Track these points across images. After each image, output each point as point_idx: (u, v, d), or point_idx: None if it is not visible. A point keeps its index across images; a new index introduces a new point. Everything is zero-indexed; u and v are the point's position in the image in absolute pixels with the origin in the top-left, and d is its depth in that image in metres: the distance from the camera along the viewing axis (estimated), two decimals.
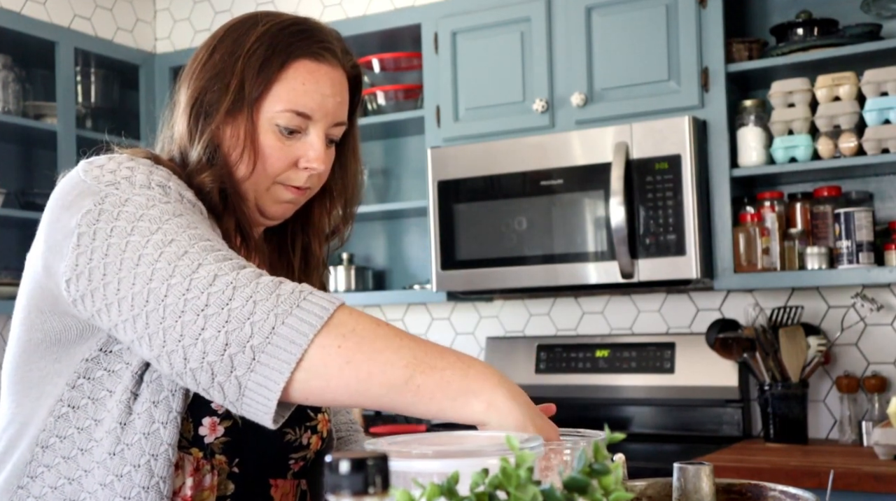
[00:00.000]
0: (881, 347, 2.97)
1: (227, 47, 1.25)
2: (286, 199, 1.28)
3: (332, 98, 1.26)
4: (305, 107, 1.24)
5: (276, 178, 1.26)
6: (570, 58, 3.08)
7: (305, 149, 1.25)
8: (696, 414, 3.10)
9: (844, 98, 2.81)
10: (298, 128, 1.25)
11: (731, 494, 1.10)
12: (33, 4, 3.63)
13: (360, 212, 3.56)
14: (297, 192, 1.28)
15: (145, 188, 1.12)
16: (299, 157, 1.25)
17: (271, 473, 1.26)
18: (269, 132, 1.24)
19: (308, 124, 1.25)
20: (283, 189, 1.27)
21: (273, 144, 1.24)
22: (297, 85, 1.24)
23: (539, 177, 3.02)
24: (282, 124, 1.23)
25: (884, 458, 2.56)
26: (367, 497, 0.62)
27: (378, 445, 0.91)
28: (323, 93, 1.25)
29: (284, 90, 1.23)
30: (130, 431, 1.13)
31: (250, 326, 0.98)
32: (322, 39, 1.27)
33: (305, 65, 1.24)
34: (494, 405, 1.01)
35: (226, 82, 1.23)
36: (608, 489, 0.75)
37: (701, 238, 2.84)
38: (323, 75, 1.26)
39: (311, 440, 1.30)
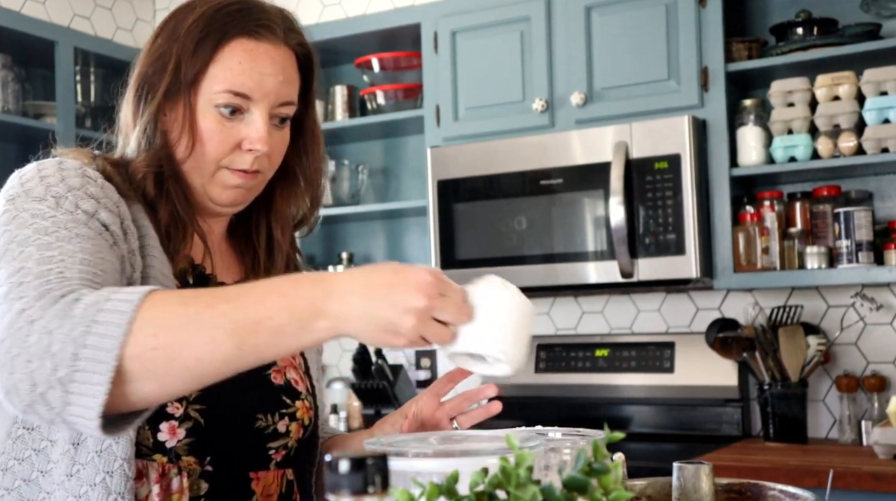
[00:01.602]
0: (881, 347, 2.97)
1: (168, 31, 1.23)
2: (234, 184, 1.24)
3: (272, 77, 1.22)
4: (243, 86, 1.20)
5: (221, 162, 1.22)
6: (570, 57, 3.08)
7: (248, 130, 1.22)
8: (696, 414, 3.10)
9: (844, 97, 2.81)
10: (239, 109, 1.21)
11: (730, 493, 1.10)
12: (33, 4, 3.63)
13: (360, 212, 3.59)
14: (245, 176, 1.24)
15: (37, 201, 1.10)
16: (242, 139, 1.22)
17: (251, 466, 1.24)
18: (209, 114, 1.21)
19: (249, 104, 1.21)
20: (229, 173, 1.23)
21: (212, 127, 1.21)
22: (233, 64, 1.20)
23: (539, 176, 3.02)
24: (220, 104, 1.20)
25: (883, 458, 2.56)
26: (366, 497, 0.62)
27: (378, 445, 0.91)
28: (262, 71, 1.21)
29: (221, 70, 1.20)
30: (83, 450, 1.12)
31: (51, 359, 0.93)
32: (260, 17, 1.23)
33: (242, 43, 1.21)
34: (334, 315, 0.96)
35: (164, 65, 1.21)
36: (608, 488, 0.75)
37: (700, 237, 2.84)
38: (261, 53, 1.22)
39: (289, 427, 1.28)
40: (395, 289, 0.97)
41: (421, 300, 0.96)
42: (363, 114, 3.63)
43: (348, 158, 3.70)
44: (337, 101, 3.64)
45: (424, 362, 3.65)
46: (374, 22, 3.46)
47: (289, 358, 1.32)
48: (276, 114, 1.24)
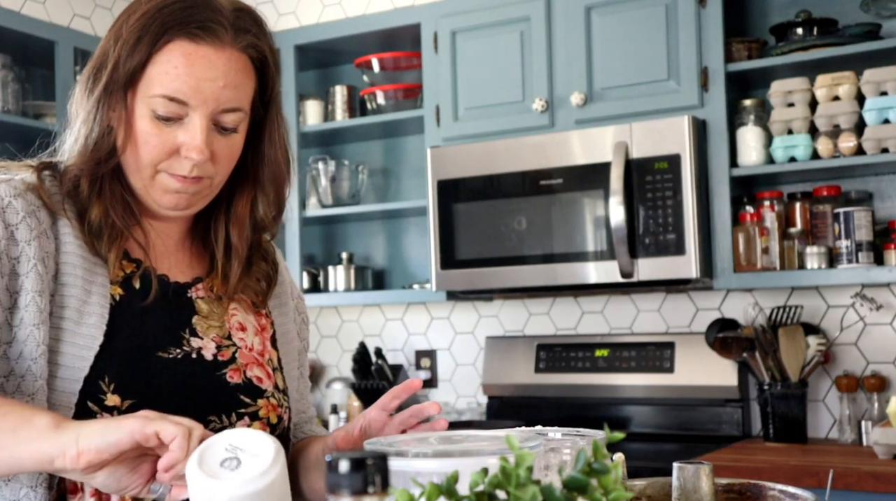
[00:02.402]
0: (881, 347, 2.97)
1: (116, 27, 1.20)
2: (174, 189, 1.20)
3: (211, 83, 1.16)
4: (178, 92, 1.15)
5: (158, 166, 1.19)
6: (570, 57, 3.08)
7: (185, 136, 1.17)
8: (696, 414, 3.10)
9: (844, 98, 2.81)
10: (175, 115, 1.16)
11: (730, 493, 1.10)
12: (33, 4, 3.63)
13: (360, 212, 3.59)
14: (185, 181, 1.19)
15: None
16: (179, 145, 1.17)
17: None
18: (145, 117, 1.17)
19: (187, 110, 1.16)
20: (167, 177, 1.19)
21: (148, 130, 1.17)
22: (169, 68, 1.16)
23: (539, 176, 3.02)
24: (156, 110, 1.16)
25: (883, 457, 2.56)
26: (366, 497, 0.62)
27: (378, 445, 0.91)
28: (199, 76, 1.16)
29: (157, 73, 1.16)
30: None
31: None
32: (204, 18, 1.17)
33: (181, 46, 1.16)
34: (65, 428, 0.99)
35: (105, 62, 1.18)
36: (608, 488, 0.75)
37: (700, 237, 2.84)
38: (200, 58, 1.16)
39: (252, 427, 1.24)
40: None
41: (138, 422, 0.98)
42: (363, 114, 3.63)
43: (348, 158, 3.70)
44: (337, 101, 3.64)
45: (424, 362, 3.65)
46: (374, 22, 3.46)
47: (254, 354, 1.30)
48: (220, 122, 1.19)
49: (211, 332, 1.28)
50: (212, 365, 1.25)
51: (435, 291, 3.24)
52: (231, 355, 1.27)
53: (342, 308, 3.81)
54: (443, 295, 3.29)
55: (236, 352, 1.28)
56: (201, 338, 1.26)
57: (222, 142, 1.21)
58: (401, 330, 3.71)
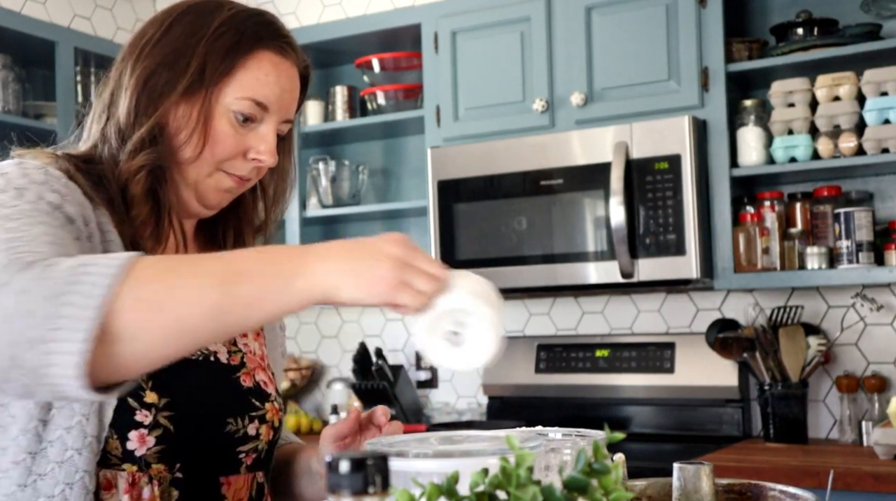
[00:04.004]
0: (881, 347, 2.97)
1: (187, 27, 1.22)
2: (226, 188, 1.26)
3: (289, 93, 1.26)
4: (266, 97, 1.23)
5: (221, 166, 1.23)
6: (570, 57, 3.08)
7: (257, 140, 1.24)
8: (696, 414, 3.10)
9: (844, 98, 2.81)
10: (253, 118, 1.23)
11: (730, 494, 1.10)
12: (33, 4, 3.63)
13: (361, 212, 3.59)
14: (239, 182, 1.26)
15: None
16: (250, 148, 1.24)
17: (221, 471, 1.23)
18: (224, 117, 1.21)
19: (264, 115, 1.24)
20: (225, 177, 1.24)
21: (226, 130, 1.22)
22: (261, 75, 1.22)
23: (539, 176, 3.02)
24: (239, 111, 1.22)
25: (884, 458, 2.56)
26: (366, 497, 0.62)
27: (378, 445, 0.91)
28: (283, 86, 1.24)
29: (248, 78, 1.22)
30: (42, 461, 1.09)
31: (29, 318, 0.88)
32: (286, 35, 1.27)
33: (270, 56, 1.23)
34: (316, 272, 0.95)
35: (185, 62, 1.20)
36: (608, 488, 0.75)
37: (701, 238, 2.84)
38: (285, 70, 1.25)
39: (259, 430, 1.27)
40: (370, 243, 0.97)
41: (397, 248, 0.97)
42: (363, 115, 3.63)
43: (348, 158, 3.70)
44: (337, 102, 3.64)
45: (424, 362, 3.65)
46: (374, 22, 3.46)
47: (257, 359, 1.31)
48: (280, 131, 1.27)
49: None
50: (227, 368, 1.27)
51: None
52: (240, 360, 1.29)
53: (342, 308, 3.81)
54: None
55: (244, 357, 1.30)
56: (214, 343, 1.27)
57: (278, 150, 1.28)
58: (401, 331, 3.71)
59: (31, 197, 1.07)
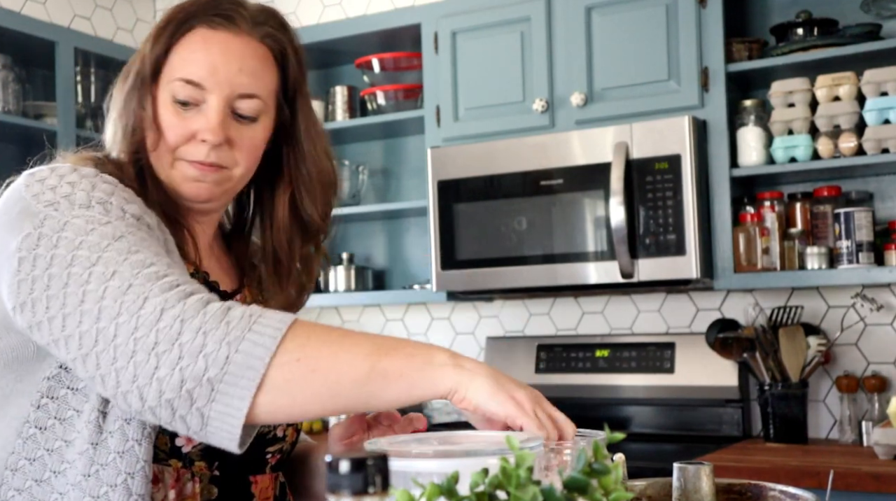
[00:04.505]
0: (881, 347, 2.97)
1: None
2: (192, 177, 1.22)
3: (225, 66, 1.20)
4: (194, 74, 1.19)
5: (176, 153, 1.21)
6: (570, 58, 3.08)
7: (201, 120, 1.20)
8: (696, 414, 3.10)
9: (844, 98, 2.81)
10: (193, 100, 1.20)
11: (731, 494, 1.10)
12: (33, 4, 3.63)
13: (361, 212, 3.59)
14: (202, 168, 1.21)
15: (84, 208, 1.09)
16: (197, 130, 1.20)
17: (251, 470, 1.25)
18: (168, 104, 1.20)
19: (204, 95, 1.20)
20: (186, 165, 1.21)
21: (170, 117, 1.20)
22: (187, 54, 1.20)
23: (539, 176, 3.02)
24: (176, 95, 1.20)
25: (884, 458, 2.56)
26: (366, 497, 0.62)
27: (378, 445, 0.91)
28: (214, 60, 1.20)
29: (178, 59, 1.20)
30: (104, 451, 1.10)
31: (203, 359, 0.97)
32: (224, 8, 1.22)
33: (200, 32, 1.21)
34: (462, 367, 1.01)
35: (136, 61, 1.23)
36: (608, 488, 0.75)
37: (701, 238, 2.84)
38: (217, 43, 1.20)
39: (286, 431, 1.29)
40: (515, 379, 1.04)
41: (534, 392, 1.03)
42: (363, 115, 3.63)
43: (348, 158, 3.70)
44: (337, 102, 3.64)
45: None
46: (374, 22, 3.46)
47: None
48: (237, 108, 1.22)
49: None
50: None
51: (435, 292, 3.24)
52: None
53: (343, 308, 3.81)
54: (443, 296, 3.29)
55: None
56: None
57: (241, 131, 1.22)
58: (401, 331, 3.71)
59: (116, 212, 1.11)
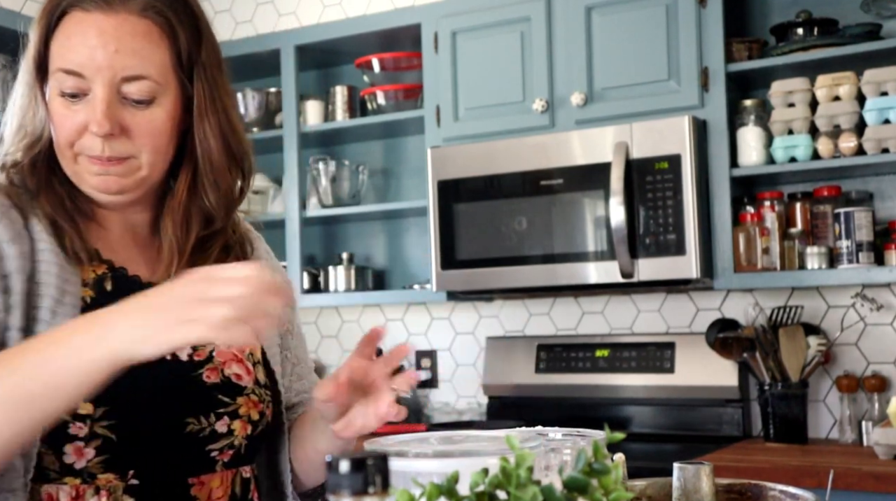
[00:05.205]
0: (881, 347, 2.97)
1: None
2: (95, 171, 1.15)
3: (101, 49, 1.11)
4: (73, 63, 1.11)
5: (74, 149, 1.14)
6: (570, 57, 3.08)
7: (87, 111, 1.12)
8: (696, 414, 3.10)
9: (844, 98, 2.81)
10: (79, 91, 1.12)
11: (731, 494, 1.10)
12: (33, 4, 3.63)
13: (361, 212, 3.59)
14: (102, 163, 1.14)
15: None
16: (86, 122, 1.12)
17: (190, 472, 1.19)
18: (55, 100, 1.14)
19: (87, 83, 1.12)
20: (87, 160, 1.15)
21: (59, 111, 1.14)
22: (63, 41, 1.13)
23: (539, 176, 3.02)
24: (61, 87, 1.13)
25: (884, 458, 2.56)
26: (367, 497, 0.62)
27: (378, 445, 0.91)
28: (89, 44, 1.11)
29: (57, 49, 1.14)
30: None
31: None
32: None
33: (74, 18, 1.13)
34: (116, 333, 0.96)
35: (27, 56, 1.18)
36: (608, 488, 0.75)
37: (701, 238, 2.84)
38: (90, 25, 1.12)
39: (232, 426, 1.21)
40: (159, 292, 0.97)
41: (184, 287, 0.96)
42: (363, 115, 3.63)
43: (348, 158, 3.70)
44: (337, 102, 3.63)
45: (425, 362, 3.65)
46: (374, 22, 3.46)
47: (232, 351, 1.25)
48: (127, 94, 1.14)
49: None
50: (187, 365, 1.21)
51: (435, 291, 3.24)
52: (208, 354, 1.23)
53: (343, 308, 3.81)
54: (443, 296, 3.29)
55: (213, 351, 1.23)
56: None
57: (137, 116, 1.14)
58: (401, 331, 3.71)
59: None
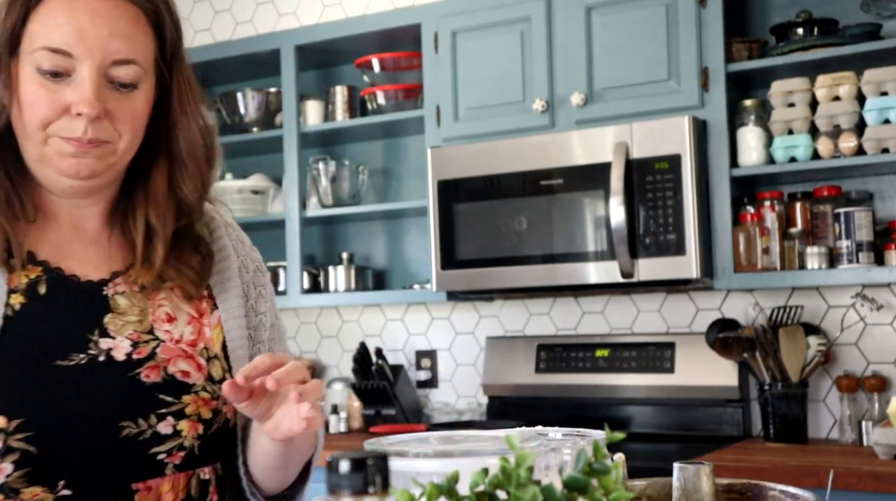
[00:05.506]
0: (881, 347, 2.97)
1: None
2: (69, 153, 1.12)
3: (95, 30, 1.10)
4: (61, 42, 1.09)
5: (48, 130, 1.11)
6: (570, 57, 3.08)
7: (73, 92, 1.10)
8: (696, 414, 3.10)
9: (844, 98, 2.81)
10: (62, 70, 1.10)
11: (731, 494, 1.10)
12: None
13: (361, 212, 3.59)
14: (80, 145, 1.12)
15: None
16: (70, 103, 1.10)
17: (134, 477, 1.14)
18: (31, 78, 1.11)
19: (73, 63, 1.10)
20: (61, 142, 1.11)
21: (35, 90, 1.10)
22: (50, 19, 1.10)
23: (539, 176, 3.02)
24: (41, 66, 1.10)
25: (884, 458, 2.56)
26: (367, 497, 0.62)
27: (378, 445, 0.91)
28: (81, 24, 1.09)
29: (39, 26, 1.10)
30: None
31: None
32: None
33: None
34: None
35: None
36: (608, 488, 0.75)
37: (701, 238, 2.84)
38: (81, 5, 1.10)
39: (178, 427, 1.16)
40: None
41: None
42: (363, 115, 3.63)
43: (348, 158, 3.70)
44: (337, 102, 3.64)
45: (425, 362, 3.65)
46: (374, 22, 3.46)
47: (181, 346, 1.20)
48: (114, 76, 1.13)
49: (127, 329, 1.18)
50: (123, 365, 1.16)
51: (435, 291, 3.24)
52: (150, 351, 1.18)
53: (343, 308, 3.81)
54: (443, 296, 3.29)
55: (157, 347, 1.19)
56: (113, 338, 1.17)
57: (121, 101, 1.14)
58: (401, 331, 3.71)
59: None
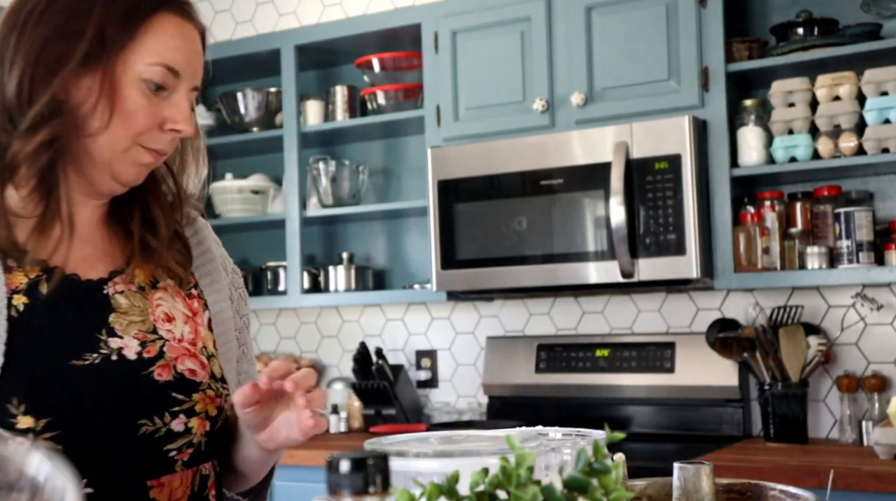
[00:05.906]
0: (881, 347, 2.97)
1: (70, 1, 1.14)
2: (145, 163, 1.17)
3: (197, 57, 1.19)
4: (176, 62, 1.15)
5: (137, 139, 1.15)
6: (570, 57, 3.08)
7: (172, 110, 1.16)
8: (696, 414, 3.10)
9: (844, 98, 2.81)
10: (166, 86, 1.15)
11: (731, 494, 1.10)
12: None
13: (361, 212, 3.59)
14: (157, 156, 1.18)
15: None
16: (166, 118, 1.16)
17: (149, 474, 1.15)
18: (135, 87, 1.14)
19: (176, 82, 1.16)
20: (143, 151, 1.16)
21: (139, 101, 1.14)
22: (167, 38, 1.15)
23: (539, 176, 3.02)
24: (150, 79, 1.14)
25: (884, 458, 2.56)
26: (367, 497, 0.62)
27: (378, 445, 0.91)
28: (189, 50, 1.18)
29: (154, 42, 1.14)
30: None
31: None
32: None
33: (173, 19, 1.16)
34: None
35: (80, 29, 1.12)
36: (608, 488, 0.75)
37: (701, 237, 2.84)
38: (189, 33, 1.18)
39: (189, 424, 1.18)
40: None
41: None
42: (363, 115, 3.63)
43: (348, 158, 3.70)
44: (337, 101, 3.64)
45: (425, 362, 3.65)
46: (374, 22, 3.46)
47: (184, 345, 1.22)
48: (189, 98, 1.20)
49: (132, 329, 1.20)
50: (136, 364, 1.17)
51: (435, 291, 3.24)
52: (158, 350, 1.19)
53: (343, 308, 3.81)
54: (443, 296, 3.29)
55: (164, 346, 1.20)
56: (121, 337, 1.18)
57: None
58: (401, 330, 3.71)
59: None
